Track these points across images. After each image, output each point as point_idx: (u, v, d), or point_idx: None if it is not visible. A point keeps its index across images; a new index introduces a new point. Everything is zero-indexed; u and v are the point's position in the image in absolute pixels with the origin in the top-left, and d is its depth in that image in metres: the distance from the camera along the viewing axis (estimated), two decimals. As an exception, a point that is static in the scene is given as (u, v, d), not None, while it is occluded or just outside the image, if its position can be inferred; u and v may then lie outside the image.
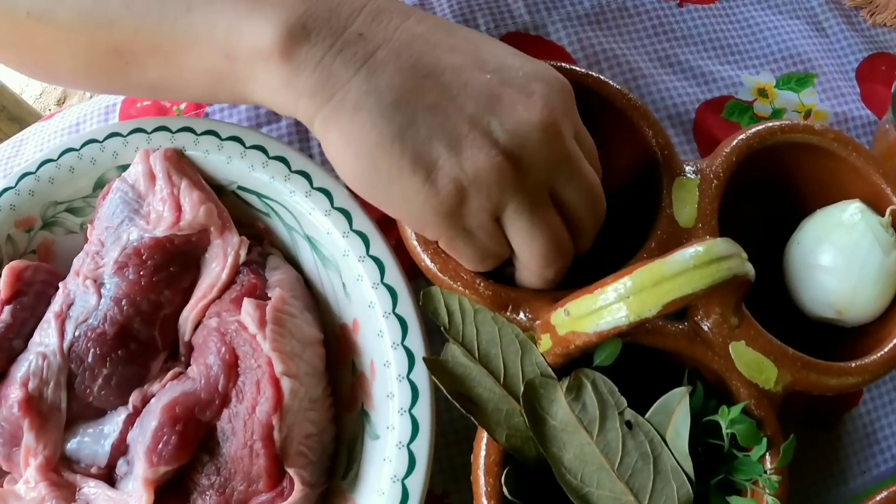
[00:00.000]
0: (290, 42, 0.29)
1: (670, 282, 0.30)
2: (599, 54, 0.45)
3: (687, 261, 0.30)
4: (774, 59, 0.47)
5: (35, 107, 1.10)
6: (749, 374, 0.35)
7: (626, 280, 0.30)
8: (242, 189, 0.39)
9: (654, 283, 0.30)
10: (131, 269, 0.37)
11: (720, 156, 0.38)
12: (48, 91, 1.20)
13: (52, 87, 1.20)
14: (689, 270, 0.30)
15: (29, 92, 1.19)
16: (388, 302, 0.35)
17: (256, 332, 0.34)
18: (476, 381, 0.33)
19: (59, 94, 1.21)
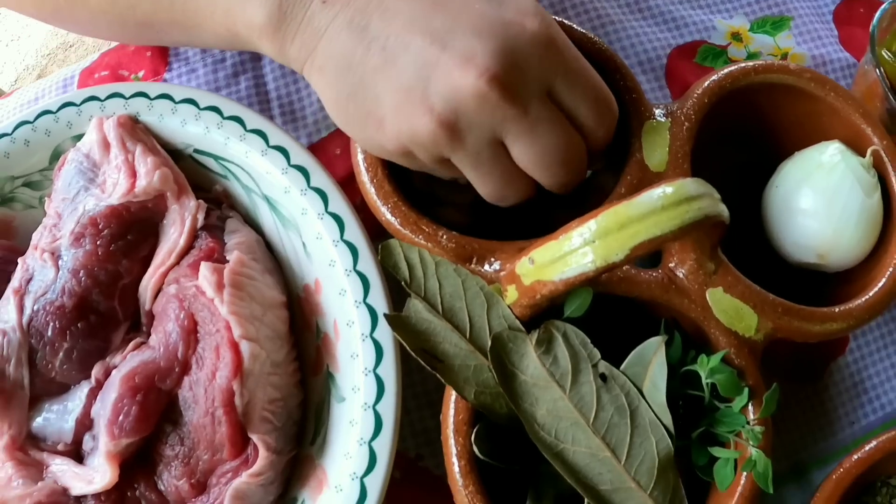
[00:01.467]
0: (273, 24, 0.33)
1: (637, 224, 0.28)
2: (565, 1, 0.43)
3: (654, 201, 0.28)
4: (748, 3, 0.45)
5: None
6: (728, 322, 0.33)
7: (590, 223, 0.28)
8: (199, 152, 0.37)
9: (621, 226, 0.28)
10: (88, 240, 0.35)
11: (692, 98, 0.36)
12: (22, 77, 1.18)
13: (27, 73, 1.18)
14: (658, 211, 0.28)
15: (3, 79, 1.17)
16: (349, 259, 0.33)
17: (214, 296, 0.32)
18: (441, 337, 0.31)
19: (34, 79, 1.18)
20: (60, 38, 1.21)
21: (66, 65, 1.20)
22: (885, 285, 0.34)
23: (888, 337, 0.40)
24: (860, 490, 0.37)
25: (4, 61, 1.19)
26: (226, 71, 0.42)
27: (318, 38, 0.32)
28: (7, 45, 1.23)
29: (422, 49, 0.29)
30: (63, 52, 1.20)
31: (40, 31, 1.21)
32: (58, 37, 1.21)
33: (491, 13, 0.30)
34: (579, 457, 0.31)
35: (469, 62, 0.29)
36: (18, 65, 1.19)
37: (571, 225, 0.29)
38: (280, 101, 0.42)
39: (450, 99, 0.29)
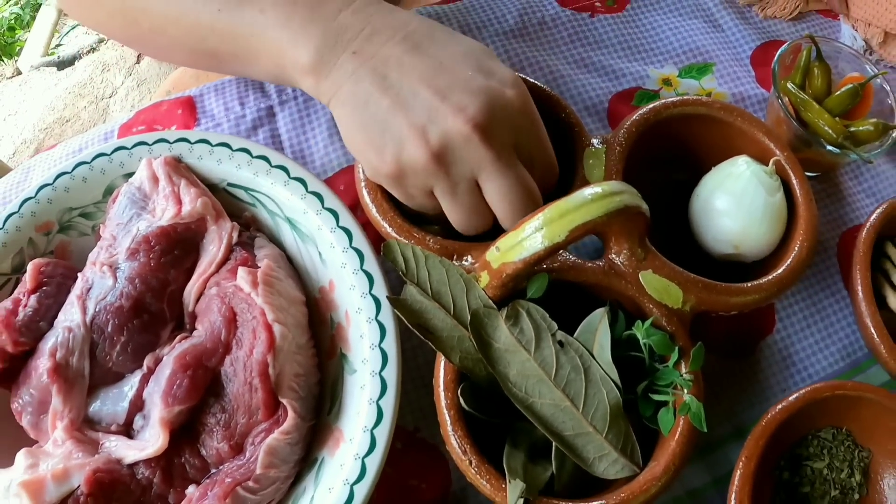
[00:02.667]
0: (313, 64, 0.46)
1: (574, 213, 0.42)
2: (524, 62, 0.59)
3: (586, 197, 0.42)
4: (677, 54, 0.61)
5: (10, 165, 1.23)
6: (658, 297, 0.46)
7: (539, 216, 0.42)
8: (231, 185, 0.51)
9: (561, 215, 0.42)
10: (142, 254, 0.49)
11: (622, 128, 0.51)
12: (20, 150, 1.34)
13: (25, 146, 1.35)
14: (588, 203, 0.42)
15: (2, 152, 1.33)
16: (357, 261, 0.47)
17: (250, 291, 0.46)
18: (431, 315, 0.44)
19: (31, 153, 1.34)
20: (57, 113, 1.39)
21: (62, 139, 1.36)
22: (789, 265, 0.48)
23: (810, 318, 0.53)
24: (793, 444, 0.49)
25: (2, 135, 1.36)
26: (246, 125, 0.57)
27: (346, 79, 0.45)
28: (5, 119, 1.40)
29: (427, 99, 0.43)
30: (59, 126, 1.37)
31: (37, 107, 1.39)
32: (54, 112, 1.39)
33: (481, 80, 0.44)
34: (545, 408, 0.44)
35: (461, 112, 0.43)
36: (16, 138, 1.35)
37: (525, 219, 0.43)
38: (292, 149, 0.57)
39: (443, 136, 0.43)
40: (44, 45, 1.60)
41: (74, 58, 1.46)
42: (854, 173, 0.59)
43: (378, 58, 0.45)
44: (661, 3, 0.63)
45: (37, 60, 1.52)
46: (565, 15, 0.61)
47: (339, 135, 0.56)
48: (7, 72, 1.52)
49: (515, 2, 0.62)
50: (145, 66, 1.42)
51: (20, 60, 1.56)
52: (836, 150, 0.53)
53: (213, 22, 0.49)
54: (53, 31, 1.64)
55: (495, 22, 0.61)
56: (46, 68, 1.46)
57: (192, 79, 0.78)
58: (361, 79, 0.45)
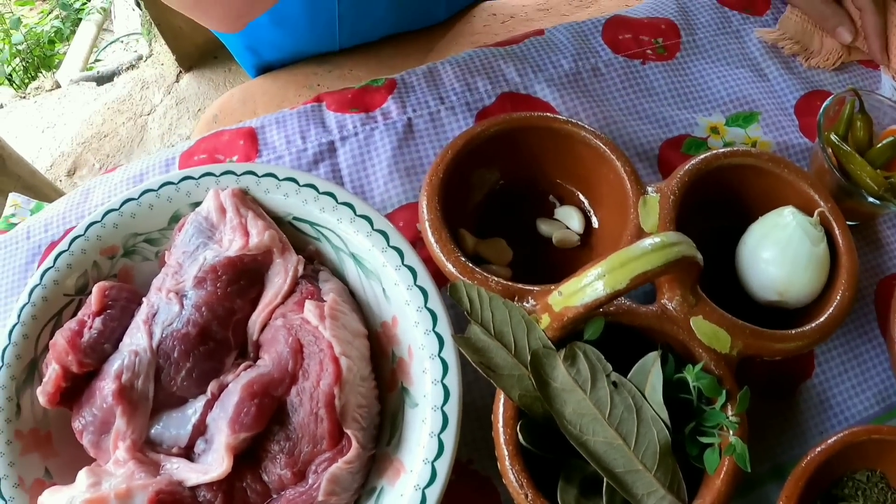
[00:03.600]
0: None
1: (635, 262, 0.44)
2: (578, 107, 0.61)
3: (646, 247, 0.45)
4: (724, 103, 0.64)
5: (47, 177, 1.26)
6: (708, 342, 0.49)
7: (602, 263, 0.45)
8: (297, 219, 0.53)
9: (623, 263, 0.44)
10: (209, 283, 0.51)
11: (675, 177, 0.53)
12: (58, 163, 1.37)
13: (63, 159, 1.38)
14: (648, 253, 0.44)
15: (39, 163, 1.36)
16: (420, 299, 0.49)
17: (318, 324, 0.48)
18: (493, 353, 0.47)
19: (69, 166, 1.37)
20: (95, 128, 1.42)
21: (100, 153, 1.39)
22: (832, 314, 0.50)
23: (848, 363, 0.56)
24: (830, 484, 0.51)
25: (41, 146, 1.39)
26: (308, 158, 0.60)
27: None
28: (43, 131, 1.43)
29: None
30: (97, 141, 1.41)
31: (75, 121, 1.42)
32: (92, 127, 1.42)
33: None
34: (598, 445, 0.46)
35: None
36: (54, 151, 1.38)
37: (587, 266, 0.46)
38: (353, 184, 0.59)
39: None
40: (83, 60, 1.63)
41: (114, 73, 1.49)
42: (893, 223, 0.61)
43: None
44: (710, 51, 0.66)
45: (76, 75, 1.55)
46: (618, 62, 0.64)
47: (398, 171, 0.59)
48: (46, 84, 1.56)
49: (570, 47, 0.64)
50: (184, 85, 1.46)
51: (59, 74, 1.60)
52: (877, 202, 0.55)
53: None
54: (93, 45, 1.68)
55: (550, 67, 0.63)
56: (85, 83, 1.49)
57: (239, 103, 0.81)
58: None
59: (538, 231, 0.58)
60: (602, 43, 0.66)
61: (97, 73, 1.51)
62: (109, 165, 1.38)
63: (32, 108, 1.45)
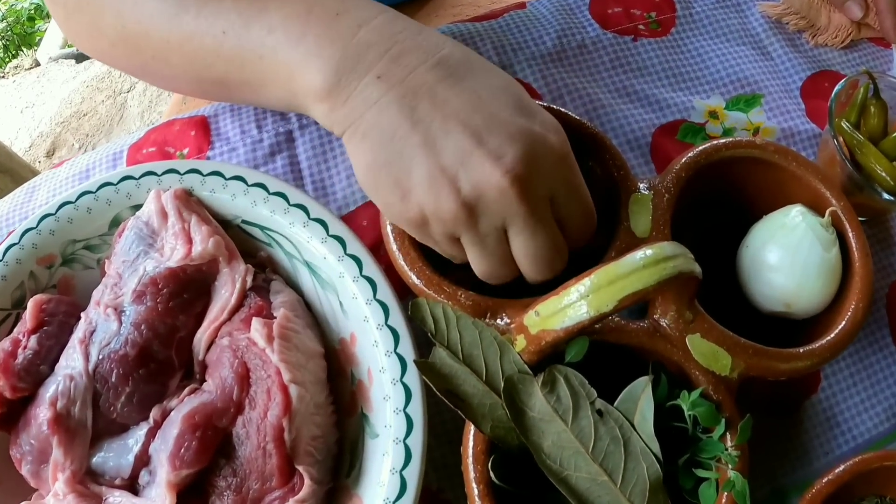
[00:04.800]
0: (326, 88, 0.40)
1: (623, 280, 0.36)
2: (562, 88, 0.52)
3: (637, 262, 0.36)
4: (723, 84, 0.54)
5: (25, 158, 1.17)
6: (706, 363, 0.41)
7: (585, 281, 0.36)
8: (246, 223, 0.45)
9: (610, 282, 0.36)
10: (149, 297, 0.43)
11: (671, 172, 0.45)
12: (37, 144, 1.27)
13: (42, 140, 1.28)
14: (639, 269, 0.36)
15: (18, 144, 1.27)
16: (381, 315, 0.41)
17: (265, 346, 0.40)
18: (461, 380, 0.39)
19: (47, 146, 1.28)
20: (74, 107, 1.33)
21: (79, 133, 1.30)
22: (844, 328, 0.42)
23: (856, 376, 0.48)
24: (835, 512, 0.44)
25: (19, 127, 1.30)
26: (263, 150, 0.51)
27: (368, 107, 0.38)
28: (22, 111, 1.34)
29: (461, 140, 0.37)
30: (77, 120, 1.31)
31: (54, 100, 1.32)
32: (71, 105, 1.33)
33: (522, 122, 0.38)
34: (581, 482, 0.38)
35: (499, 161, 0.36)
36: (33, 131, 1.29)
37: (570, 283, 0.37)
38: (312, 178, 0.51)
39: (476, 186, 0.37)
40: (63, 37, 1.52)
41: (92, 50, 1.39)
42: (906, 218, 0.53)
43: (406, 85, 0.38)
44: (708, 27, 0.57)
45: (55, 52, 1.44)
46: (607, 38, 0.55)
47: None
48: (26, 63, 1.45)
49: (554, 23, 0.55)
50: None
51: (39, 51, 1.49)
52: (892, 198, 0.47)
53: (219, 46, 0.43)
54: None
55: (532, 44, 0.54)
56: (65, 60, 1.38)
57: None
58: (386, 108, 0.38)
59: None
60: (589, 17, 0.56)
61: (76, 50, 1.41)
62: (89, 145, 1.29)
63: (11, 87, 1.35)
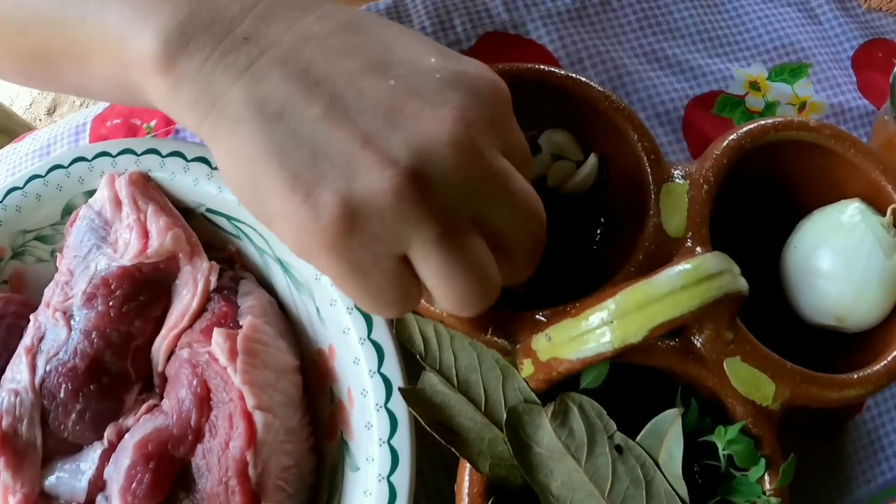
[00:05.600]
0: (168, 54, 0.25)
1: (656, 304, 0.27)
2: (582, 52, 0.42)
3: (674, 281, 0.27)
4: (766, 50, 0.44)
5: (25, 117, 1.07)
6: (745, 391, 0.32)
7: (609, 303, 0.27)
8: (211, 211, 0.36)
9: (640, 306, 0.27)
10: (100, 301, 0.34)
11: (710, 158, 0.35)
12: (38, 101, 1.17)
13: (42, 97, 1.17)
14: (677, 291, 0.27)
15: (19, 102, 1.16)
16: (363, 327, 0.32)
17: (227, 364, 0.32)
18: (456, 410, 0.30)
19: (48, 104, 1.17)
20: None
21: None
22: (905, 350, 0.33)
23: (906, 393, 0.39)
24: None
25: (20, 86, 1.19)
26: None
27: (234, 80, 0.24)
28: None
29: (384, 92, 0.24)
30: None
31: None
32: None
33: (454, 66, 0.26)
34: (595, 529, 0.30)
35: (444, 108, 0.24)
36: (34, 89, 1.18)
37: (589, 302, 0.28)
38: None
39: (419, 151, 0.23)
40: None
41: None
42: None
43: (286, 44, 0.25)
44: (750, -18, 0.45)
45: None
46: (634, -5, 0.44)
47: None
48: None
49: (573, -24, 0.44)
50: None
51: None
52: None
53: (36, 5, 0.30)
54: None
55: (548, 0, 0.43)
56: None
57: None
58: (264, 77, 0.25)
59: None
60: (614, -31, 0.45)
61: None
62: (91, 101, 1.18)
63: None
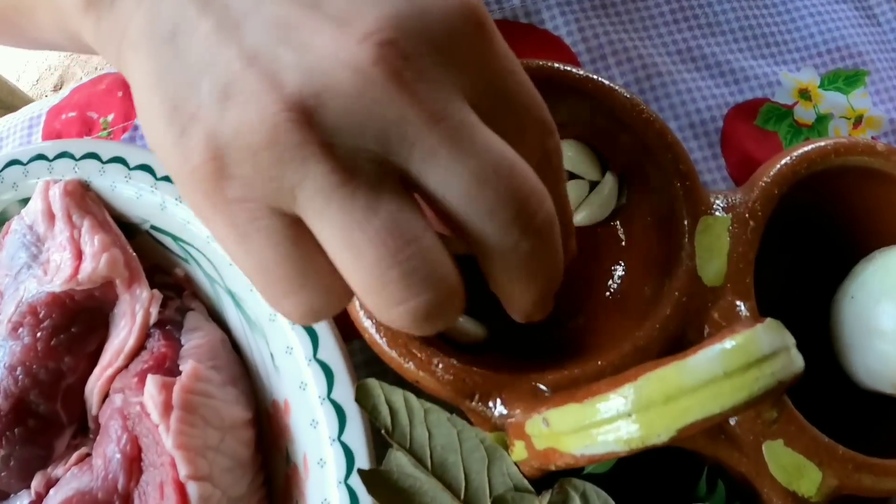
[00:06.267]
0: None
1: (690, 396, 0.19)
2: (605, 47, 0.33)
3: (714, 366, 0.19)
4: (818, 53, 0.35)
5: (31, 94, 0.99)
6: (786, 481, 0.24)
7: (628, 390, 0.20)
8: (156, 229, 0.29)
9: (668, 397, 0.19)
10: (26, 331, 0.28)
11: (758, 186, 0.27)
12: (44, 77, 1.09)
13: (49, 73, 1.10)
14: (718, 380, 0.19)
15: (25, 79, 1.09)
16: (324, 384, 0.25)
17: (159, 423, 0.25)
18: (429, 498, 0.23)
19: (55, 80, 1.10)
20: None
21: (88, 66, 1.11)
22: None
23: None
24: None
25: (27, 60, 1.11)
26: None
27: (139, 4, 0.20)
28: (30, 42, 1.16)
29: (281, 6, 0.17)
30: (87, 52, 1.13)
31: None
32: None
33: None
34: None
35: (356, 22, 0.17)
36: (41, 64, 1.11)
37: (601, 386, 0.20)
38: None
39: (311, 73, 0.16)
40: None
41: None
42: None
43: None
44: (804, -29, 0.36)
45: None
46: (667, -18, 0.35)
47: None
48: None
49: (596, -42, 0.35)
50: None
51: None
52: None
53: None
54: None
55: (565, -13, 0.35)
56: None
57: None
58: None
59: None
60: (644, -49, 0.36)
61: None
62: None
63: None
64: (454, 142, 0.16)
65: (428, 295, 0.17)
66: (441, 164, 0.16)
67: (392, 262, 0.16)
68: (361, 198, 0.16)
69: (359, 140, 0.16)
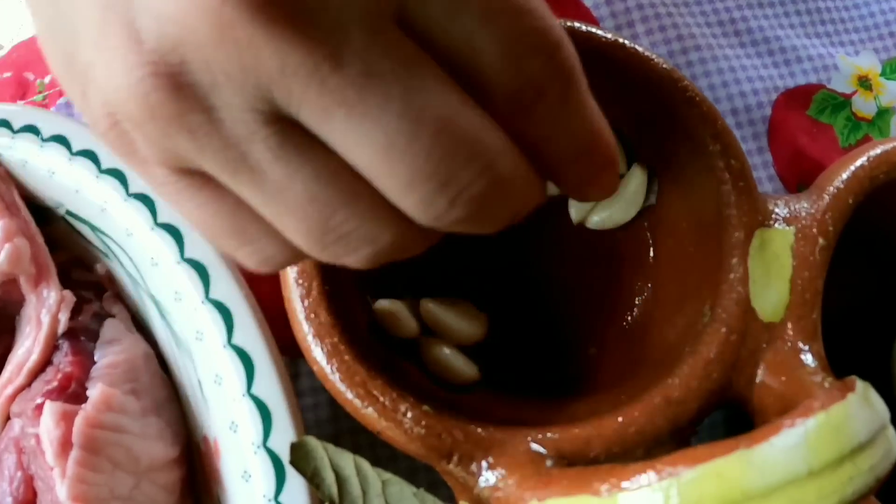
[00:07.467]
0: None
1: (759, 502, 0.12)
2: (633, 12, 0.25)
3: (796, 461, 0.12)
4: (880, 35, 0.27)
5: None
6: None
7: (669, 485, 0.12)
8: (72, 216, 0.21)
9: (726, 502, 0.12)
10: (-88, 334, 0.20)
11: (828, 193, 0.19)
12: None
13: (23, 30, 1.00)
14: (801, 482, 0.12)
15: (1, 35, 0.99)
16: (260, 428, 0.17)
17: (54, 465, 0.17)
18: (386, 590, 0.16)
19: None
20: None
21: None
22: None
23: None
24: None
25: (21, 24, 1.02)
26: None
27: None
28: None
29: None
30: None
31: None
32: None
33: None
34: None
35: None
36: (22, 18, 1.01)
37: (627, 471, 0.13)
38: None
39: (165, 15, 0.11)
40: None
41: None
42: None
43: None
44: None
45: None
46: (711, -61, 0.27)
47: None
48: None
49: None
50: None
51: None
52: None
53: None
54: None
55: (587, -59, 0.26)
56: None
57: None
58: None
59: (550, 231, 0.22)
60: None
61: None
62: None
63: None
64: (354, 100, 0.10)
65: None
66: (337, 129, 0.11)
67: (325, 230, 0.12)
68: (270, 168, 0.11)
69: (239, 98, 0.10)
